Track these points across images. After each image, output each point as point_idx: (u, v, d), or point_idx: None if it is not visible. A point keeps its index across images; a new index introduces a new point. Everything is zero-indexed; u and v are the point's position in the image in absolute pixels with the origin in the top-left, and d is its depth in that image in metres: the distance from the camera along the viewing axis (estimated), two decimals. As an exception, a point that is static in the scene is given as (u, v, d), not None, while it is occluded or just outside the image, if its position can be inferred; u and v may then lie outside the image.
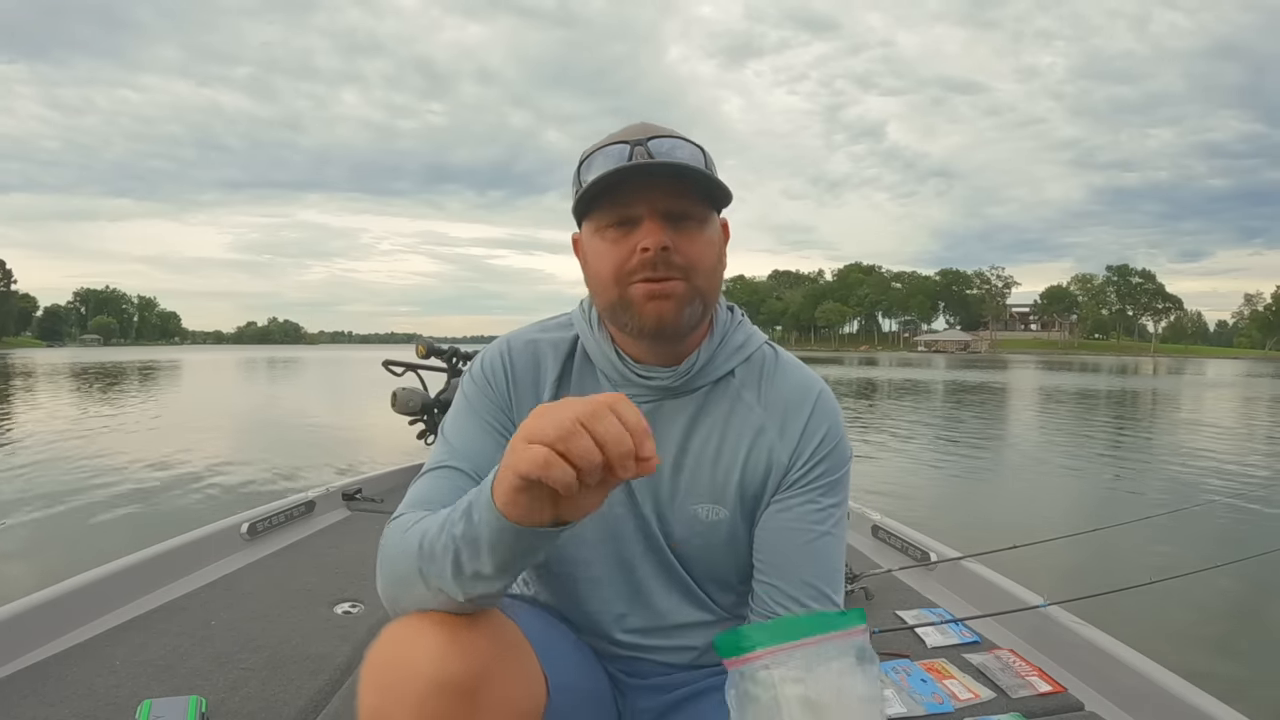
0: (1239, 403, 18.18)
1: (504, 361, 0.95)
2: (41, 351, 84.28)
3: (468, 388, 0.95)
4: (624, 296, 0.85)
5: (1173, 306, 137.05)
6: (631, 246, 0.84)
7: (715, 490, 0.91)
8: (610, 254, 0.85)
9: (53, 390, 18.40)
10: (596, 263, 0.87)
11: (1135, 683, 1.49)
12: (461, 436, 0.90)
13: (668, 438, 0.92)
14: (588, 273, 0.91)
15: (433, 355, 4.08)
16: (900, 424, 11.86)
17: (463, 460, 0.88)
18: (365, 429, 10.03)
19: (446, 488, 0.85)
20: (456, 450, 0.89)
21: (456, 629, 0.72)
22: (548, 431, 0.58)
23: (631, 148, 0.83)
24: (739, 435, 0.92)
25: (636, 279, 0.84)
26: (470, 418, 0.92)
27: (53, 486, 5.99)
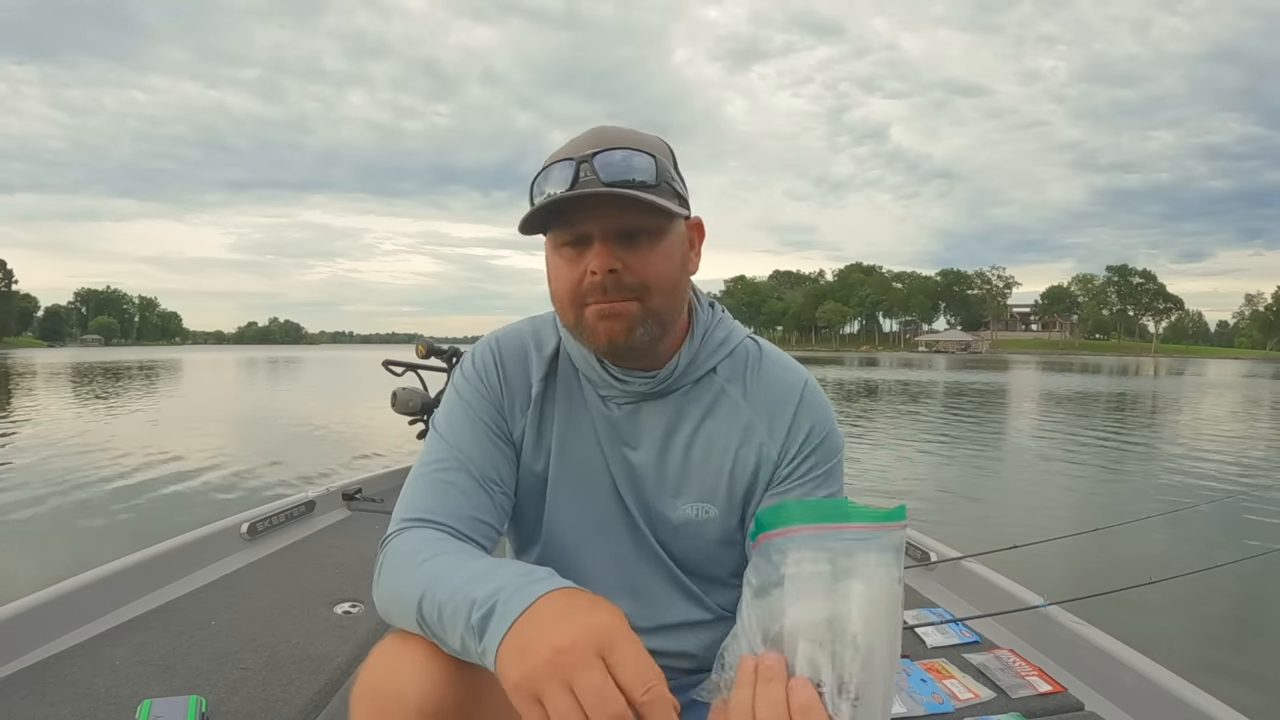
0: (1239, 403, 18.17)
1: (495, 359, 0.94)
2: (42, 351, 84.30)
3: (461, 385, 0.94)
4: (579, 318, 0.84)
5: (1173, 307, 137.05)
6: (584, 268, 0.82)
7: (704, 489, 0.91)
8: (565, 274, 0.84)
9: (53, 390, 18.40)
10: (554, 282, 0.86)
11: (1135, 683, 1.49)
12: (459, 436, 0.89)
13: (650, 439, 0.91)
14: (551, 289, 0.88)
15: (433, 355, 4.08)
16: (900, 424, 11.85)
17: (464, 462, 0.87)
18: (365, 429, 10.03)
19: (452, 495, 0.84)
20: (455, 450, 0.88)
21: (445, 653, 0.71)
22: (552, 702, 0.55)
23: (578, 165, 0.80)
24: (726, 433, 0.91)
25: (590, 300, 0.83)
26: (465, 416, 0.91)
27: (53, 486, 5.99)
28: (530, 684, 0.56)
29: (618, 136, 0.84)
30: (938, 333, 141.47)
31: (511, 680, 0.58)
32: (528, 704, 0.57)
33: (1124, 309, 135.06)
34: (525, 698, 0.57)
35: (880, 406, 15.29)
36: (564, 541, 0.93)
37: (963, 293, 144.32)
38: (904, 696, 1.53)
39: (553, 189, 0.80)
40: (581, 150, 0.82)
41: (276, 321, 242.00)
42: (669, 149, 0.89)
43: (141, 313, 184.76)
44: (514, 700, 0.58)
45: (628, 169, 0.81)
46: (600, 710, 0.54)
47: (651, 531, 0.93)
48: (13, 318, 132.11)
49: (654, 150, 0.83)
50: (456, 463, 0.87)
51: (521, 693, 0.57)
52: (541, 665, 0.56)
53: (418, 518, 0.82)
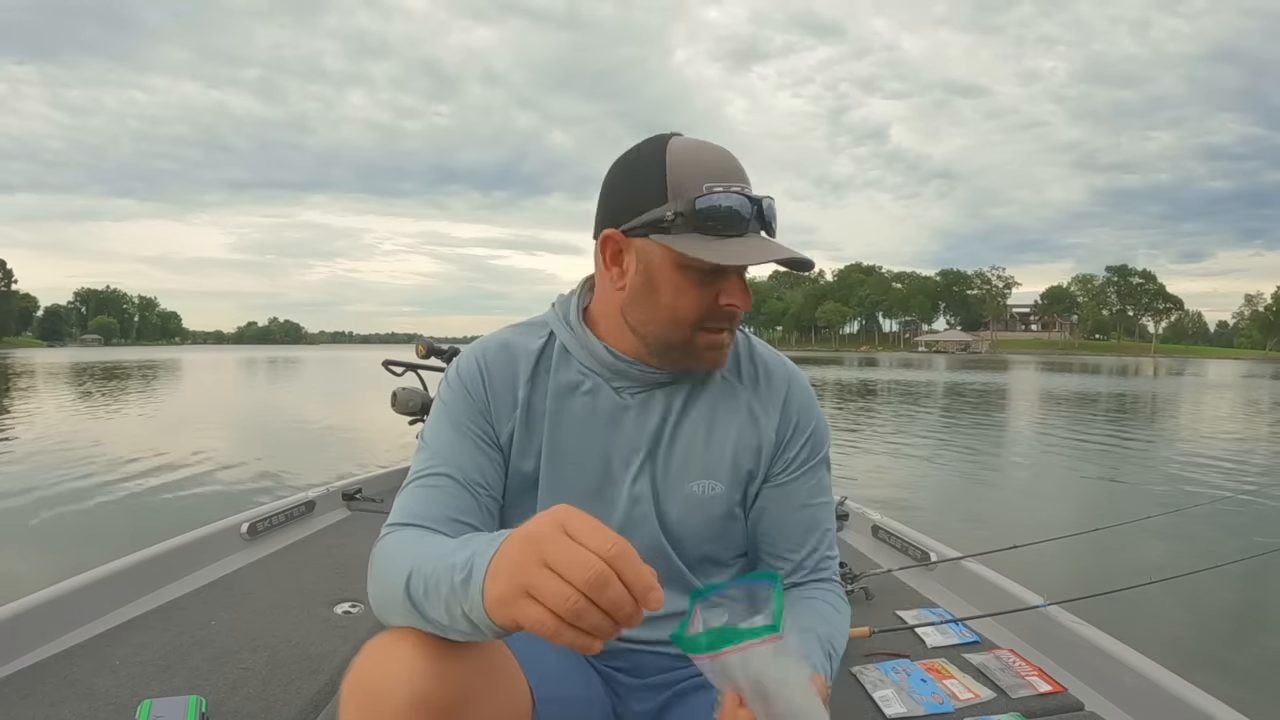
0: (1239, 404, 18.17)
1: (479, 365, 0.95)
2: (42, 351, 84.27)
3: (445, 394, 0.95)
4: (690, 340, 0.87)
5: (1173, 307, 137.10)
6: (713, 295, 0.85)
7: (710, 467, 0.95)
8: (693, 297, 0.85)
9: (53, 390, 18.40)
10: (674, 299, 0.86)
11: (1135, 683, 1.49)
12: (444, 443, 0.91)
13: (661, 422, 0.94)
14: (652, 298, 0.87)
15: (433, 355, 4.07)
16: (900, 424, 11.85)
17: (448, 467, 0.88)
18: (365, 429, 10.03)
19: (436, 499, 0.86)
20: (440, 457, 0.90)
21: (435, 646, 0.72)
22: (556, 599, 0.56)
23: (752, 205, 0.84)
24: (729, 414, 0.97)
25: (709, 327, 0.87)
26: (450, 424, 0.92)
27: (52, 486, 5.99)
28: (514, 579, 0.59)
29: (743, 170, 0.88)
30: (937, 333, 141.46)
31: (497, 593, 0.60)
32: (519, 602, 0.58)
33: (1124, 309, 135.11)
34: (515, 596, 0.59)
35: (880, 406, 15.29)
36: None
37: (962, 293, 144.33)
38: (904, 696, 1.53)
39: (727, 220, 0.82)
40: (732, 179, 0.85)
41: (276, 321, 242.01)
42: None
43: (141, 313, 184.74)
44: (508, 613, 0.60)
45: (774, 216, 0.87)
46: (581, 572, 0.56)
47: (657, 516, 0.95)
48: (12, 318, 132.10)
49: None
50: (440, 468, 0.88)
51: (510, 595, 0.59)
52: (516, 559, 0.59)
53: (402, 521, 0.84)
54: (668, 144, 0.87)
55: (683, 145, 0.87)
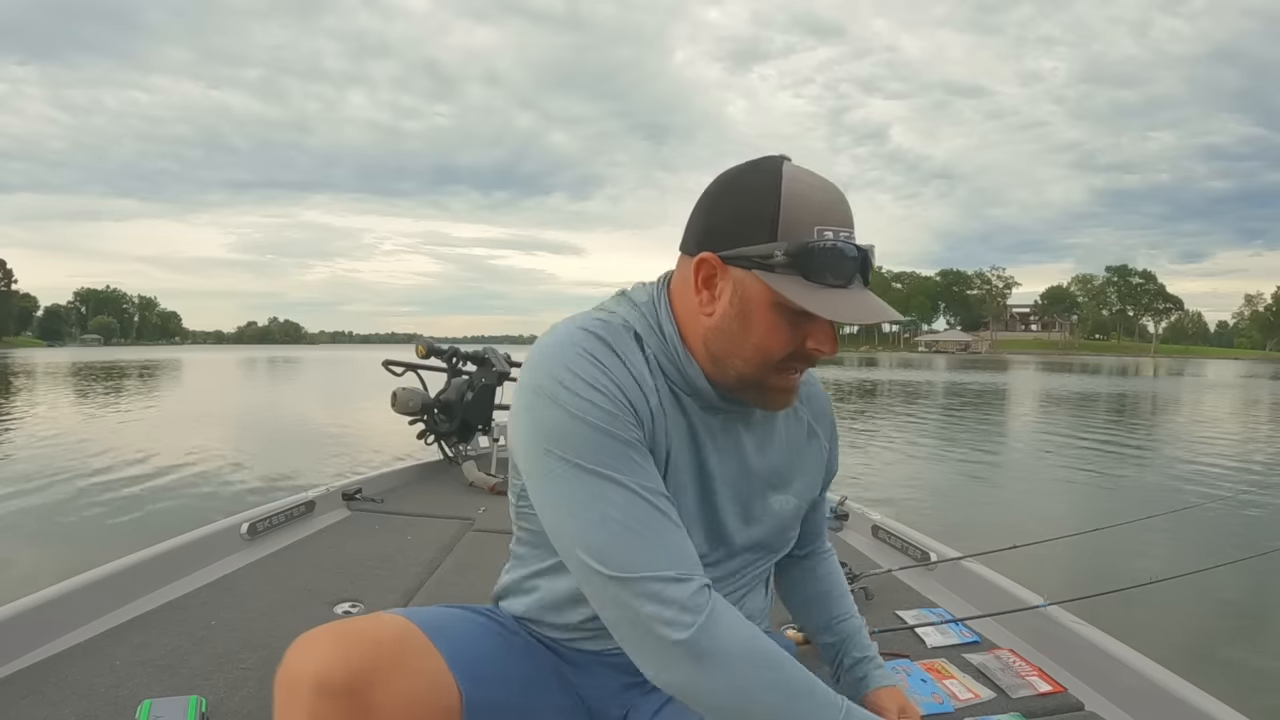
0: (1239, 403, 18.17)
1: (614, 381, 0.84)
2: (42, 351, 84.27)
3: (598, 416, 0.81)
4: (765, 379, 0.86)
5: (1173, 307, 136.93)
6: (800, 336, 0.84)
7: (785, 480, 1.01)
8: (786, 339, 0.83)
9: (53, 390, 18.40)
10: (766, 338, 0.83)
11: (1135, 683, 1.49)
12: (638, 473, 0.82)
13: (748, 442, 0.96)
14: (743, 332, 0.84)
15: (433, 355, 4.08)
16: (900, 424, 11.85)
17: (664, 501, 0.82)
18: (365, 429, 10.03)
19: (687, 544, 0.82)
20: (650, 490, 0.81)
21: (344, 633, 0.79)
22: None
23: (860, 255, 0.82)
24: (796, 433, 1.03)
25: (787, 368, 0.86)
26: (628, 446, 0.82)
27: (52, 486, 5.99)
28: None
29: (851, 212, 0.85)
30: (937, 333, 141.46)
31: None
32: None
33: (1124, 309, 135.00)
34: None
35: (880, 406, 15.29)
36: None
37: (962, 293, 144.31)
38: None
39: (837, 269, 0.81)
40: (842, 221, 0.82)
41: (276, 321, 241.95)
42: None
43: (141, 312, 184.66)
44: None
45: (871, 265, 0.85)
46: None
47: (743, 527, 0.97)
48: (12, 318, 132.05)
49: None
50: (659, 503, 0.81)
51: None
52: None
53: (688, 574, 0.78)
54: (781, 173, 0.82)
55: (797, 177, 0.83)
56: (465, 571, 2.34)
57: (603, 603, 0.79)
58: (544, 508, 0.83)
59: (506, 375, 4.10)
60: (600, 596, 0.79)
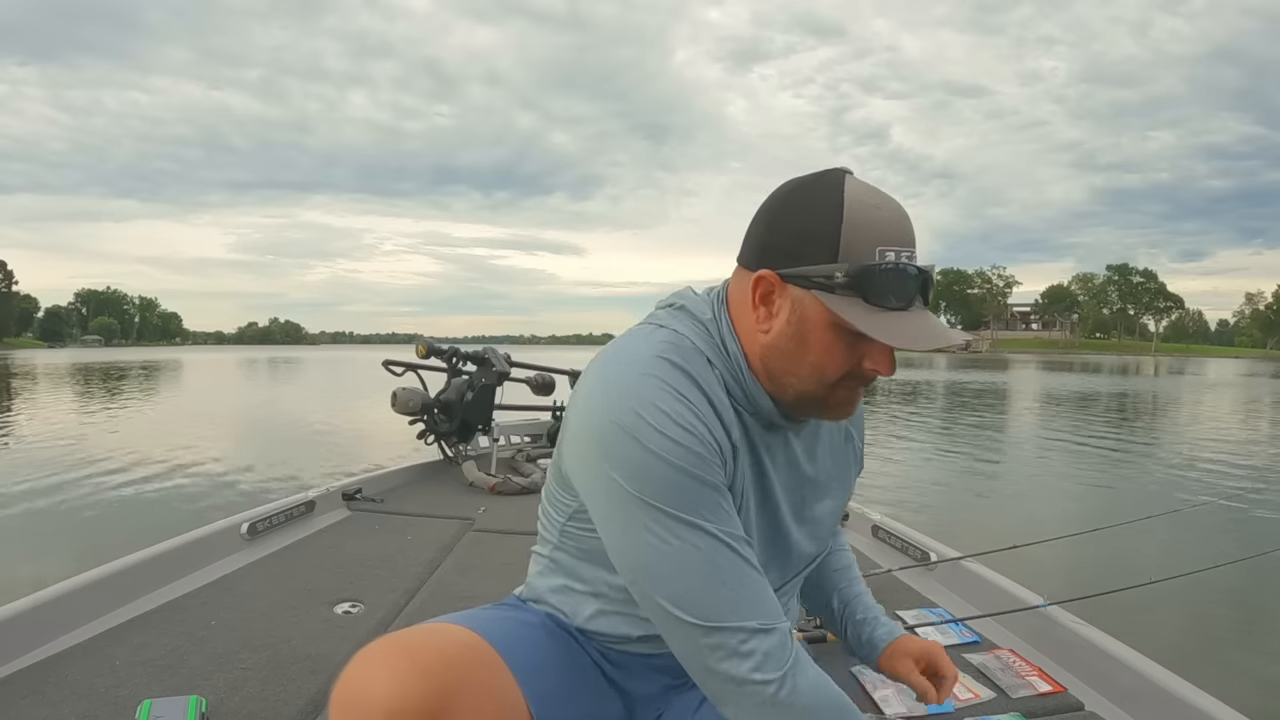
0: (1239, 403, 18.16)
1: (699, 418, 0.81)
2: (43, 352, 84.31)
3: (686, 459, 0.79)
4: (827, 396, 0.85)
5: (1174, 306, 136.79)
6: (858, 356, 0.82)
7: (831, 487, 1.02)
8: (843, 359, 0.83)
9: (53, 391, 18.40)
10: (823, 358, 0.83)
11: (1135, 683, 1.49)
12: (723, 520, 0.81)
13: (795, 458, 0.96)
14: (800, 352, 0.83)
15: (433, 355, 4.08)
16: (900, 424, 11.85)
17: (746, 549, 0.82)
18: (365, 429, 10.03)
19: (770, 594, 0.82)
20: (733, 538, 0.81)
21: (421, 656, 0.73)
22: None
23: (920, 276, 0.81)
24: (836, 441, 1.03)
25: (846, 385, 0.85)
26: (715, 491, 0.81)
27: (53, 486, 6.00)
28: None
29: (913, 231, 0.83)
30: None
31: None
32: None
33: (1124, 308, 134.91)
34: None
35: (880, 406, 15.29)
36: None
37: (963, 292, 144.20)
38: (904, 696, 1.53)
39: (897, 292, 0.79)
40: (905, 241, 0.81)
41: (277, 322, 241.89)
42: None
43: (141, 313, 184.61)
44: None
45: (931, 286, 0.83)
46: None
47: (802, 538, 0.98)
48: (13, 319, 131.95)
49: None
50: (742, 549, 0.81)
51: None
52: None
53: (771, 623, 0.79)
54: (844, 190, 0.80)
55: (860, 194, 0.81)
56: (465, 571, 2.34)
57: (684, 650, 0.80)
58: (621, 549, 0.81)
59: (506, 375, 4.10)
60: (682, 643, 0.79)
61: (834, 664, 1.67)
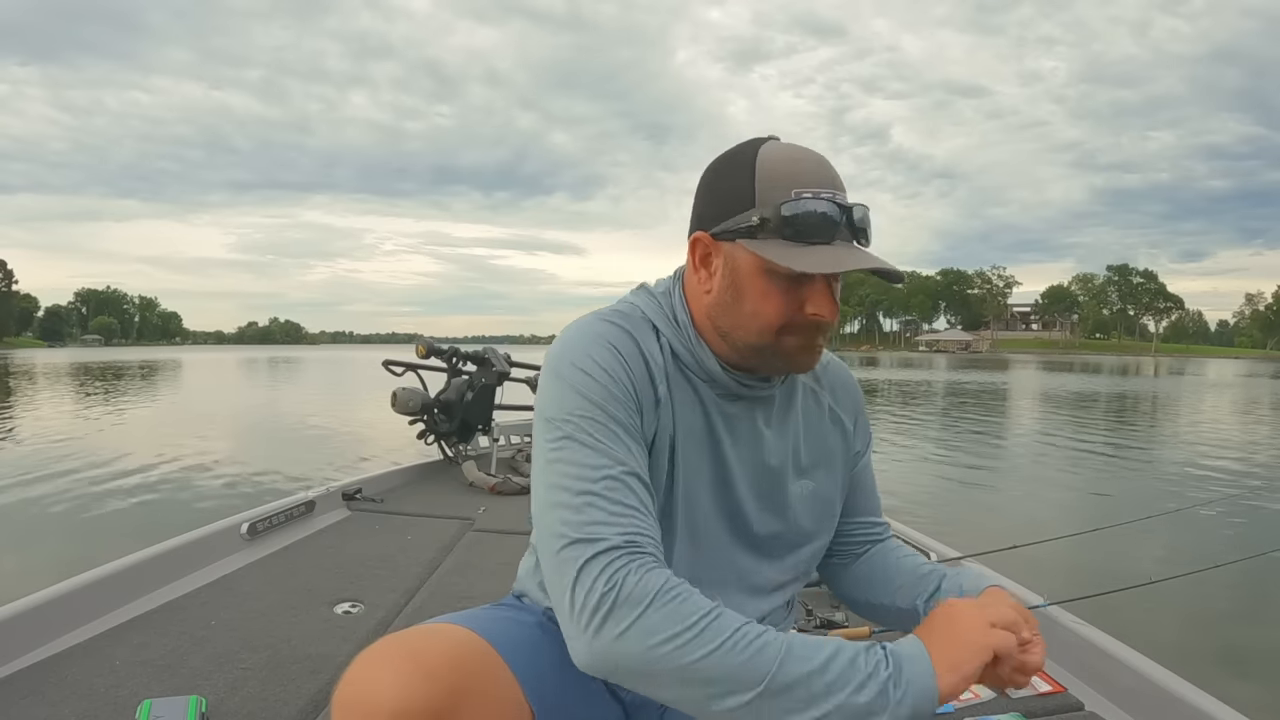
0: (1239, 403, 18.16)
1: (622, 357, 0.85)
2: (43, 352, 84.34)
3: (589, 385, 0.82)
4: (777, 345, 0.85)
5: (1174, 306, 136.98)
6: (798, 302, 0.83)
7: (807, 467, 0.99)
8: (780, 304, 0.83)
9: (53, 390, 18.40)
10: (759, 305, 0.84)
11: (1135, 683, 1.49)
12: (614, 438, 0.80)
13: (759, 434, 0.95)
14: (737, 303, 0.85)
15: (433, 355, 4.09)
16: (900, 424, 11.85)
17: (634, 464, 0.80)
18: (365, 429, 10.04)
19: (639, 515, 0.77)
20: (621, 455, 0.79)
21: (426, 658, 0.72)
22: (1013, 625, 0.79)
23: (841, 212, 0.82)
24: (817, 418, 1.01)
25: (794, 333, 0.85)
26: (610, 420, 0.81)
27: (53, 486, 6.00)
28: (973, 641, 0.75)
29: (839, 176, 0.85)
30: (938, 332, 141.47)
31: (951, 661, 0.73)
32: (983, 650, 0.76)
33: (1124, 308, 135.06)
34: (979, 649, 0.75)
35: (880, 406, 15.29)
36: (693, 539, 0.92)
37: (963, 292, 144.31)
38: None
39: (814, 226, 0.81)
40: (823, 185, 0.83)
41: (277, 321, 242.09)
42: None
43: (141, 313, 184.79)
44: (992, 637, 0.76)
45: (866, 224, 0.85)
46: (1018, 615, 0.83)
47: (762, 516, 0.95)
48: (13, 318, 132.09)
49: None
50: (631, 467, 0.80)
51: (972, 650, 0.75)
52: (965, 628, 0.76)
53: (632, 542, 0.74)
54: (760, 148, 0.86)
55: (775, 149, 0.86)
56: (465, 571, 2.34)
57: (549, 567, 0.76)
58: (533, 474, 0.83)
59: (506, 375, 4.10)
60: (548, 560, 0.76)
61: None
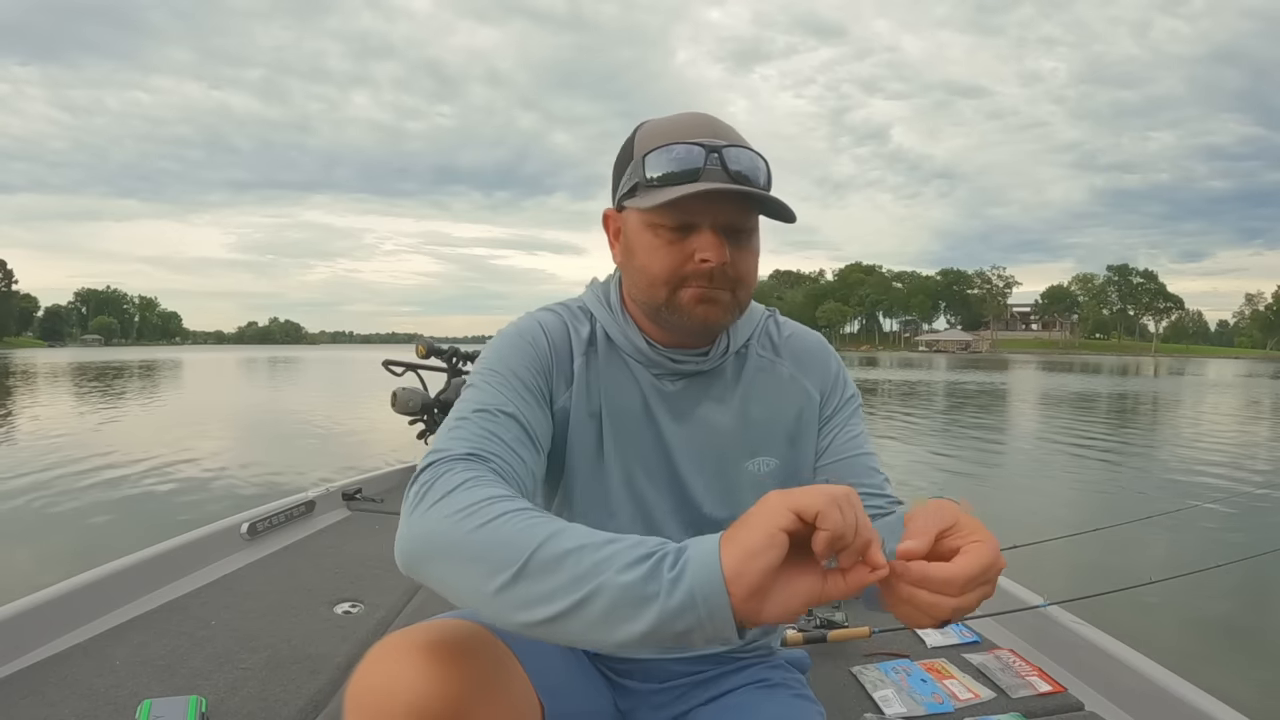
0: (1239, 403, 18.16)
1: (540, 325, 0.92)
2: (43, 351, 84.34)
3: (502, 346, 0.89)
4: (673, 299, 0.85)
5: (1174, 306, 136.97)
6: (687, 252, 0.83)
7: (762, 444, 0.95)
8: (664, 255, 0.84)
9: (53, 390, 18.40)
10: (647, 259, 0.85)
11: (1135, 683, 1.49)
12: (507, 386, 0.84)
13: (709, 407, 0.94)
14: (630, 262, 0.88)
15: (433, 355, 4.08)
16: (900, 423, 11.85)
17: (514, 411, 0.81)
18: (365, 429, 10.03)
19: (501, 445, 0.76)
20: (506, 398, 0.82)
21: (440, 651, 0.71)
22: (822, 493, 0.58)
23: (707, 154, 0.81)
24: (774, 390, 0.97)
25: (689, 284, 0.84)
26: (509, 374, 0.85)
27: (53, 486, 5.99)
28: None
29: (730, 131, 0.86)
30: (938, 332, 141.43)
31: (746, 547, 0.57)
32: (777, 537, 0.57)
33: (1124, 309, 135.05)
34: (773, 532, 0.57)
35: (880, 406, 15.29)
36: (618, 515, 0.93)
37: (963, 292, 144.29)
38: (904, 696, 1.53)
39: (675, 168, 0.81)
40: (698, 137, 0.83)
41: (277, 321, 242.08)
42: None
43: (141, 313, 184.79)
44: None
45: (753, 169, 0.83)
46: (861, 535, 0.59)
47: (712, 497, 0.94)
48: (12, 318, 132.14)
49: (763, 154, 0.85)
50: (508, 410, 0.81)
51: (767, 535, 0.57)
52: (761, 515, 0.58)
53: (473, 455, 0.74)
54: (646, 121, 0.90)
55: (659, 119, 0.89)
56: (465, 571, 2.34)
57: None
58: None
59: (506, 375, 4.09)
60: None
61: (834, 664, 1.68)
